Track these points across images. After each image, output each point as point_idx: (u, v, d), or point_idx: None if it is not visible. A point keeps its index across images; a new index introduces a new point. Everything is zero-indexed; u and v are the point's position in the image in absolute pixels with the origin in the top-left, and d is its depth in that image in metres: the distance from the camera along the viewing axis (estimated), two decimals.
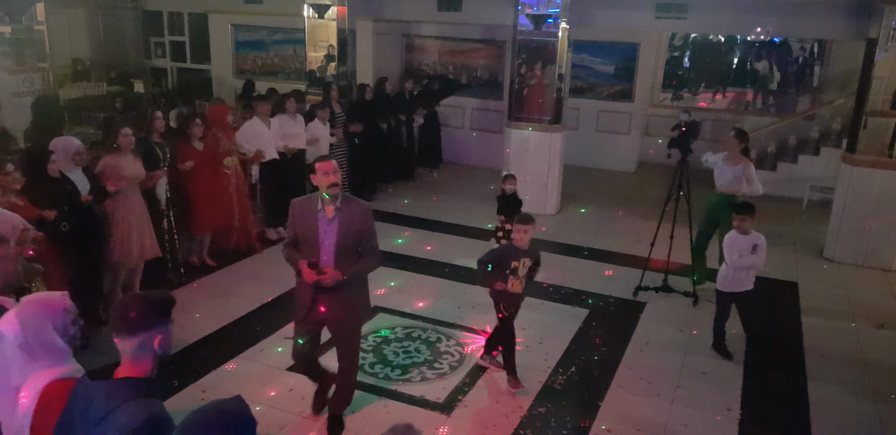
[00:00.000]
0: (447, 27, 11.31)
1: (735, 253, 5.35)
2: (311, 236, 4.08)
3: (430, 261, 7.38)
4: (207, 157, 6.68)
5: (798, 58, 12.90)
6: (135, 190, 5.84)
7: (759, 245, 5.36)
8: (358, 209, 4.11)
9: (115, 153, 5.68)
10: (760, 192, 6.56)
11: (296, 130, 7.98)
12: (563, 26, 8.62)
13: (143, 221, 5.92)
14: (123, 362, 2.22)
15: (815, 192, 9.83)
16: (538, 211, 9.06)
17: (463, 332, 5.83)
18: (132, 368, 2.21)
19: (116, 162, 5.67)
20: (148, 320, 2.21)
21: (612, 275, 7.17)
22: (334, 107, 8.82)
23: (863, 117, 7.70)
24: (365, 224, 4.12)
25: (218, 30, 12.45)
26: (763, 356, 5.60)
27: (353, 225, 4.05)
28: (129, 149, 5.72)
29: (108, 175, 5.60)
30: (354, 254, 4.14)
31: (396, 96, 10.26)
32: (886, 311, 6.57)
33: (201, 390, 4.79)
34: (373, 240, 4.19)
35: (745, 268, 5.36)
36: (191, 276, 6.70)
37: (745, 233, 5.40)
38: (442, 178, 10.83)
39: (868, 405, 4.99)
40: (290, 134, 7.90)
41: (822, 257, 7.93)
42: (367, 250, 4.18)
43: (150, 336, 2.20)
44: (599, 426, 4.58)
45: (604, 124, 11.52)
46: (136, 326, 2.20)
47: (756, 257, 5.35)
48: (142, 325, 2.20)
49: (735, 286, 5.43)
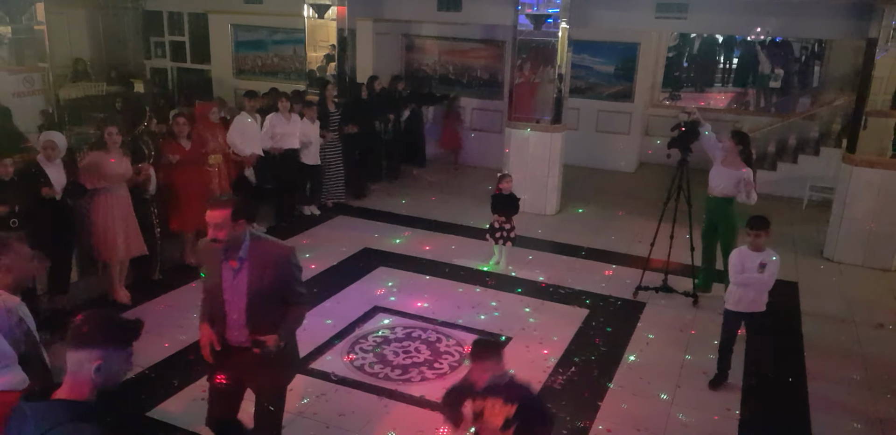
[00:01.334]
0: (447, 27, 11.30)
1: (738, 269, 4.90)
2: (214, 291, 3.38)
3: (429, 261, 7.38)
4: (194, 155, 6.76)
5: (798, 57, 12.92)
6: (120, 186, 5.89)
7: (767, 265, 4.85)
8: (271, 255, 3.37)
9: (101, 150, 5.77)
10: (754, 202, 6.25)
11: (288, 130, 8.00)
12: (563, 26, 8.62)
13: (128, 218, 5.97)
14: (65, 382, 2.08)
15: (815, 192, 9.83)
16: (538, 211, 9.09)
17: (463, 332, 5.83)
18: (71, 389, 2.06)
19: (100, 159, 5.72)
20: (96, 339, 2.06)
21: (612, 275, 7.17)
22: (329, 106, 8.83)
23: (863, 117, 7.70)
24: (283, 272, 3.39)
25: (218, 30, 12.44)
26: (763, 356, 5.60)
27: (266, 275, 3.33)
28: (115, 147, 5.79)
29: (89, 172, 5.67)
30: (275, 305, 3.40)
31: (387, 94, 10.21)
32: (886, 311, 6.57)
33: (201, 390, 4.79)
34: (298, 287, 3.49)
35: (744, 286, 4.91)
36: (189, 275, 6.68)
37: (757, 249, 4.93)
38: (442, 178, 10.83)
39: (868, 405, 4.99)
40: (280, 133, 7.94)
41: (822, 257, 7.93)
42: (293, 299, 3.47)
43: (91, 356, 2.04)
44: (599, 426, 4.58)
45: (604, 124, 11.52)
46: (82, 341, 2.06)
47: (759, 276, 4.84)
48: (88, 341, 2.06)
49: (743, 306, 4.96)
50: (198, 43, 12.92)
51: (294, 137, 8.07)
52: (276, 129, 7.93)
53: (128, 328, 2.12)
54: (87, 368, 2.03)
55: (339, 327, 5.79)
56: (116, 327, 2.10)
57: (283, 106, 7.95)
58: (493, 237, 7.15)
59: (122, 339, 2.09)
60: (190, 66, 13.37)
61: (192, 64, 13.32)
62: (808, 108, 11.58)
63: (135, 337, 2.12)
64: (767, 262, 4.86)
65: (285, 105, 7.96)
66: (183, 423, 4.43)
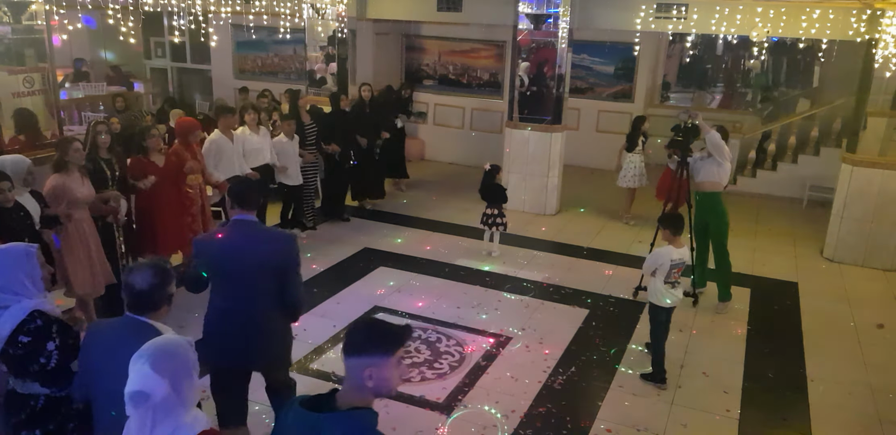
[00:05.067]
0: (447, 27, 11.31)
1: (652, 266, 5.07)
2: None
3: (429, 261, 7.38)
4: (169, 173, 5.93)
5: (798, 57, 12.90)
6: (83, 212, 5.18)
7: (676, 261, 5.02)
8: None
9: (63, 172, 4.99)
10: (728, 157, 6.23)
11: (258, 146, 7.14)
12: (563, 26, 8.62)
13: (95, 244, 5.29)
14: (344, 389, 2.08)
15: (815, 192, 9.83)
16: (538, 211, 9.10)
17: (463, 332, 5.83)
18: (352, 396, 2.06)
19: (65, 182, 4.99)
20: (361, 347, 2.06)
21: (612, 275, 7.17)
22: (303, 117, 7.91)
23: (863, 117, 7.70)
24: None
25: (218, 30, 12.44)
26: (763, 356, 5.61)
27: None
28: (77, 166, 5.05)
29: (58, 198, 4.94)
30: None
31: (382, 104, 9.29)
32: (886, 311, 6.57)
33: (201, 390, 4.79)
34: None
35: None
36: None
37: (678, 247, 5.09)
38: (442, 179, 10.83)
39: (868, 405, 4.99)
40: (248, 150, 7.06)
41: (822, 257, 7.94)
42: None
43: (361, 364, 2.03)
44: (599, 426, 4.58)
45: (604, 124, 11.52)
46: (349, 349, 2.07)
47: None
48: (355, 349, 2.06)
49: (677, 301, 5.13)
50: (198, 43, 12.92)
51: (263, 153, 7.19)
52: (244, 145, 7.02)
53: (390, 335, 2.09)
54: (360, 376, 2.03)
55: (339, 327, 5.79)
56: (379, 335, 2.08)
57: (251, 119, 7.11)
58: (486, 223, 7.50)
59: (385, 346, 2.06)
60: (190, 66, 13.38)
61: (192, 64, 13.34)
62: (808, 109, 11.56)
63: (400, 344, 2.09)
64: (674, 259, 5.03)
65: (252, 118, 7.13)
66: None
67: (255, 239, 3.61)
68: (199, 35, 9.59)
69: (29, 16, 7.37)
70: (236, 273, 3.56)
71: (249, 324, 3.61)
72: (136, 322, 2.67)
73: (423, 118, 11.62)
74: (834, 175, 8.18)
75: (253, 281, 3.58)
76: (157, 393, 2.13)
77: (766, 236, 8.54)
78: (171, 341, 2.29)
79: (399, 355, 2.08)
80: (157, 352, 2.20)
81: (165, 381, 2.14)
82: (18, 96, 7.19)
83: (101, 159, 5.47)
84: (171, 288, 2.73)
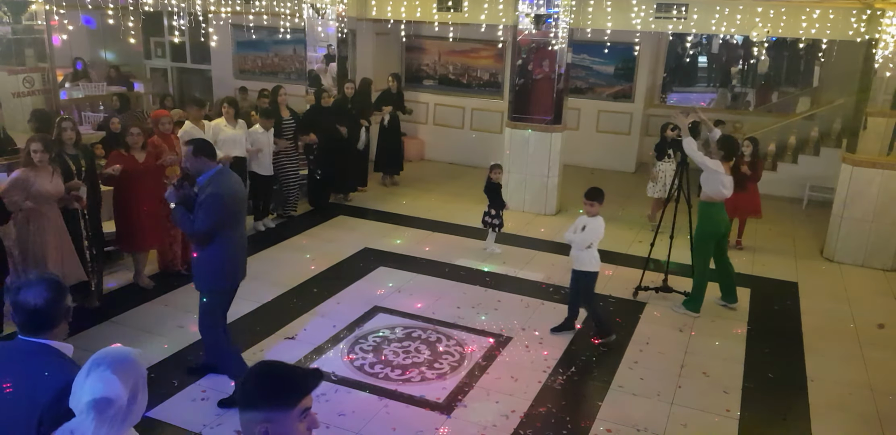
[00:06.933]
0: (447, 27, 11.31)
1: (570, 230, 5.66)
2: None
3: (429, 261, 7.38)
4: (149, 168, 6.16)
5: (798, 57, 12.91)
6: (51, 207, 5.23)
7: (587, 226, 5.53)
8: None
9: (29, 166, 5.08)
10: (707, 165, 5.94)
11: (232, 137, 7.48)
12: (563, 26, 8.62)
13: (63, 241, 5.32)
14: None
15: (815, 192, 9.83)
16: (538, 211, 9.10)
17: (463, 332, 5.83)
18: None
19: (30, 176, 5.06)
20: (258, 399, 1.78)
21: (611, 275, 7.17)
22: (282, 112, 8.37)
23: (863, 117, 7.70)
24: None
25: (218, 30, 12.44)
26: (763, 356, 5.61)
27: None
28: (43, 165, 5.12)
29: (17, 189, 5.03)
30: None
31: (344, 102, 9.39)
32: (886, 311, 6.57)
33: (201, 390, 4.80)
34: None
35: (569, 243, 5.64)
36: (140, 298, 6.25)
37: (592, 216, 5.57)
38: (442, 179, 10.83)
39: (868, 405, 4.99)
40: (223, 140, 7.36)
41: (822, 257, 7.94)
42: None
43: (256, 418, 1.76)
44: (599, 426, 4.58)
45: (604, 124, 11.53)
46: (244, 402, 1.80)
47: (577, 235, 5.54)
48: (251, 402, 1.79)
49: (576, 264, 5.66)
50: (198, 43, 12.93)
51: (239, 145, 7.52)
52: (218, 135, 7.36)
53: (290, 384, 1.77)
54: (256, 432, 1.75)
55: (339, 327, 5.79)
56: (276, 384, 1.76)
57: (228, 113, 7.50)
58: (483, 222, 7.72)
59: (283, 398, 1.75)
60: (190, 66, 13.38)
61: (192, 64, 13.33)
62: (808, 108, 11.57)
63: (303, 394, 1.78)
64: (587, 223, 5.54)
65: (230, 112, 7.51)
66: (183, 423, 4.43)
67: (238, 180, 4.64)
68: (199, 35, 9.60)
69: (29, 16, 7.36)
70: (242, 211, 4.66)
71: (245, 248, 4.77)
72: (32, 345, 2.36)
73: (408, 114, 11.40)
74: (834, 175, 8.19)
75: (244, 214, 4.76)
76: (121, 398, 1.99)
77: (767, 236, 8.53)
78: (127, 350, 2.14)
79: (303, 406, 1.77)
80: (117, 358, 2.06)
81: (127, 388, 2.01)
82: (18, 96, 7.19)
83: (68, 155, 5.59)
84: (67, 301, 2.42)
